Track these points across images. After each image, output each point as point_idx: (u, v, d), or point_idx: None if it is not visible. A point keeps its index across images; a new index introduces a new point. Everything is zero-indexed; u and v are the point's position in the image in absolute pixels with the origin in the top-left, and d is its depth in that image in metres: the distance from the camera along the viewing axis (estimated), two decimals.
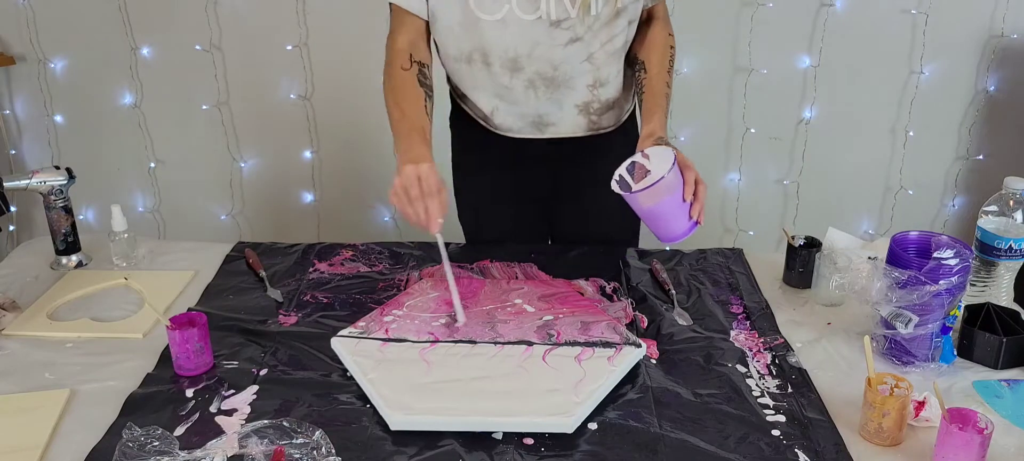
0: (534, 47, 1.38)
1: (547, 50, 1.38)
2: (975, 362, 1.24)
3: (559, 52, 1.39)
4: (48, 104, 2.60)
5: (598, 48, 1.40)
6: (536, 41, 1.37)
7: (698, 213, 1.24)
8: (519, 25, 1.36)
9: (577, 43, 1.38)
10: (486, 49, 1.39)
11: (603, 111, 1.49)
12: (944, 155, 2.66)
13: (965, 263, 1.18)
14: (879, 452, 1.05)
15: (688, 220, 1.24)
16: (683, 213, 1.23)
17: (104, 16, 2.48)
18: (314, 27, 2.50)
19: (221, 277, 1.50)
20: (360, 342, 1.22)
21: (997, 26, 2.48)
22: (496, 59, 1.40)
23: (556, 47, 1.38)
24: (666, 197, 1.21)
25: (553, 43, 1.38)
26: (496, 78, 1.43)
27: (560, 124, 1.49)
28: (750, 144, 2.64)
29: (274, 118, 2.62)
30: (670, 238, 1.25)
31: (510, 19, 1.35)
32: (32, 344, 1.28)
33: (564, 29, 1.36)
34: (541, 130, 1.50)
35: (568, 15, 1.35)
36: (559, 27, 1.36)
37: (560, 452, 1.03)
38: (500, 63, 1.41)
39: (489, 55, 1.40)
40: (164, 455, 1.00)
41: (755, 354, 1.26)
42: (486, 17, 1.35)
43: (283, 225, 2.76)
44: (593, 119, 1.50)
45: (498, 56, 1.40)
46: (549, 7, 1.34)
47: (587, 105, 1.47)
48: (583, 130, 1.51)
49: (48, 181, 1.50)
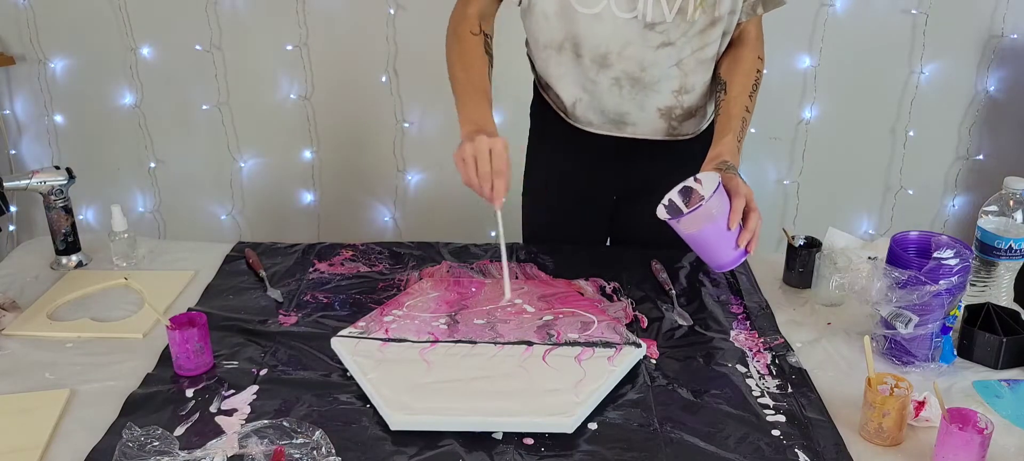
0: (626, 46, 1.38)
1: (638, 50, 1.38)
2: (975, 362, 1.24)
3: (650, 54, 1.39)
4: (48, 104, 2.60)
5: (689, 54, 1.40)
6: (628, 40, 1.37)
7: (747, 242, 1.21)
8: (614, 22, 1.36)
9: (669, 47, 1.38)
10: (578, 41, 1.40)
11: (684, 118, 1.49)
12: (944, 155, 2.66)
13: (965, 263, 1.18)
14: (879, 452, 1.05)
15: (734, 249, 1.21)
16: (728, 242, 1.21)
17: (104, 16, 2.48)
18: (314, 27, 2.50)
19: (221, 277, 1.50)
20: (360, 342, 1.22)
21: (997, 26, 2.48)
22: (587, 52, 1.41)
23: (647, 48, 1.38)
24: (708, 225, 1.19)
25: (645, 44, 1.38)
26: (584, 71, 1.43)
27: (639, 125, 1.49)
28: (750, 144, 2.61)
29: (274, 118, 2.62)
30: (717, 267, 1.24)
31: (606, 15, 1.35)
32: (32, 344, 1.28)
33: (658, 32, 1.36)
34: (620, 129, 1.50)
35: (664, 18, 1.35)
36: (653, 29, 1.36)
37: (560, 452, 1.03)
38: (590, 57, 1.41)
39: (580, 47, 1.40)
40: (164, 455, 1.00)
41: (755, 354, 1.26)
42: (583, 9, 1.36)
43: (283, 225, 2.76)
44: (673, 124, 1.50)
45: (589, 49, 1.40)
46: (646, 8, 1.34)
47: (669, 110, 1.47)
48: (662, 134, 1.51)
49: (48, 181, 1.50)
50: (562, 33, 1.41)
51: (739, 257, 1.22)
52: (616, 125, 1.50)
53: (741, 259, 1.23)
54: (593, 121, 1.51)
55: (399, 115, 2.60)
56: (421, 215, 2.74)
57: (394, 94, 2.56)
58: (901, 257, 1.21)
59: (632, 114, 1.48)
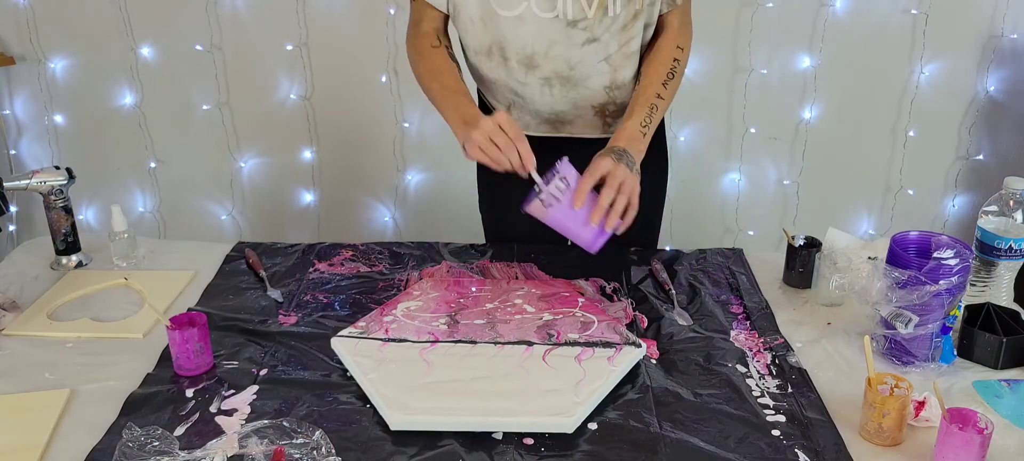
0: (551, 45, 1.38)
1: (564, 49, 1.39)
2: (975, 362, 1.24)
3: (576, 52, 1.39)
4: (48, 104, 2.60)
5: (615, 50, 1.40)
6: (553, 40, 1.38)
7: (597, 220, 1.23)
8: (536, 22, 1.36)
9: (594, 43, 1.39)
10: (503, 44, 1.40)
11: (618, 113, 1.49)
12: (944, 155, 2.66)
13: (965, 263, 1.18)
14: (879, 452, 1.05)
15: (591, 229, 1.24)
16: (581, 223, 1.24)
17: (104, 16, 2.48)
18: (314, 27, 2.50)
19: (221, 277, 1.50)
20: (360, 342, 1.22)
21: (997, 26, 2.48)
22: (513, 55, 1.41)
23: (573, 46, 1.38)
24: (553, 210, 1.23)
25: (570, 42, 1.38)
26: (512, 74, 1.44)
27: (576, 123, 1.50)
28: (750, 144, 2.64)
29: (274, 118, 2.62)
30: (587, 248, 1.26)
31: (527, 16, 1.35)
32: (32, 344, 1.28)
33: (581, 29, 1.37)
34: (557, 129, 1.51)
35: (585, 15, 1.35)
36: (576, 27, 1.36)
37: (560, 452, 1.03)
38: (517, 59, 1.41)
39: (506, 50, 1.41)
40: (164, 455, 1.00)
41: (755, 354, 1.26)
42: (504, 13, 1.36)
43: (283, 225, 2.76)
44: (608, 121, 1.50)
45: (515, 52, 1.40)
46: (566, 6, 1.34)
47: (603, 106, 1.47)
48: (599, 131, 1.51)
49: (48, 181, 1.50)
50: (488, 38, 1.41)
51: (598, 235, 1.24)
52: (553, 126, 1.51)
53: (602, 238, 1.25)
54: (529, 124, 1.51)
55: (399, 115, 2.60)
56: (421, 215, 2.74)
57: (394, 94, 2.56)
58: (901, 257, 1.21)
59: (567, 114, 1.48)
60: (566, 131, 1.51)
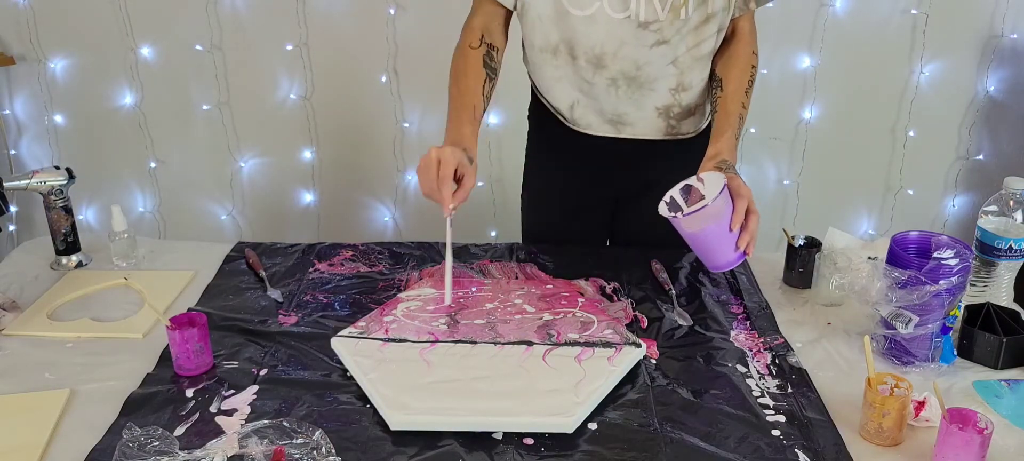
0: (620, 46, 1.38)
1: (633, 50, 1.39)
2: (975, 362, 1.24)
3: (644, 53, 1.39)
4: (48, 104, 2.60)
5: (684, 52, 1.40)
6: (623, 40, 1.38)
7: (746, 244, 1.20)
8: (607, 22, 1.36)
9: (663, 45, 1.38)
10: (573, 43, 1.40)
11: (683, 116, 1.49)
12: (944, 155, 2.66)
13: (965, 263, 1.18)
14: (879, 452, 1.05)
15: (734, 251, 1.21)
16: (729, 243, 1.20)
17: (104, 16, 2.48)
18: (314, 27, 2.50)
19: (221, 277, 1.50)
20: (360, 342, 1.22)
21: (997, 26, 2.48)
22: (582, 54, 1.41)
23: (642, 48, 1.38)
24: (710, 225, 1.18)
25: (639, 43, 1.38)
26: (580, 72, 1.44)
27: (638, 125, 1.49)
28: (750, 144, 2.63)
29: (274, 118, 2.62)
30: (714, 267, 1.23)
31: (599, 16, 1.35)
32: (32, 344, 1.28)
33: (652, 31, 1.36)
34: (618, 129, 1.50)
35: (657, 17, 1.35)
36: (647, 29, 1.36)
37: (560, 452, 1.03)
38: (585, 58, 1.41)
39: (575, 49, 1.41)
40: (164, 455, 1.00)
41: (755, 354, 1.26)
42: (576, 12, 1.36)
43: (283, 225, 2.76)
44: (672, 123, 1.50)
45: (584, 51, 1.40)
46: (639, 7, 1.34)
47: (668, 108, 1.47)
48: (661, 133, 1.51)
49: (48, 181, 1.50)
50: (557, 36, 1.41)
51: (738, 259, 1.22)
52: (614, 126, 1.50)
53: (739, 261, 1.22)
54: (592, 123, 1.51)
55: (399, 115, 2.60)
56: (421, 215, 2.74)
57: (394, 94, 2.56)
58: (901, 257, 1.21)
59: (630, 114, 1.48)
60: (628, 132, 1.50)
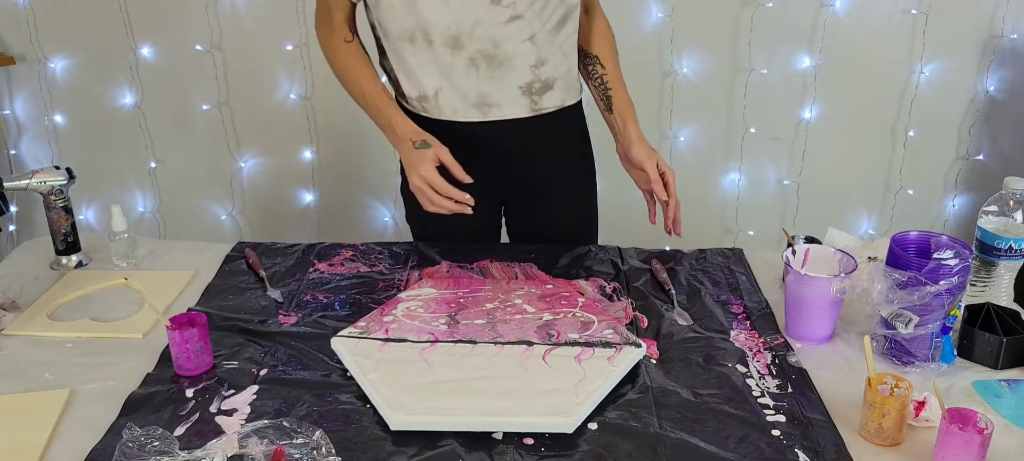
0: (475, 25, 1.39)
1: (488, 28, 1.40)
2: (975, 362, 1.24)
3: (500, 30, 1.40)
4: (48, 104, 2.60)
5: (539, 27, 1.42)
6: (477, 18, 1.39)
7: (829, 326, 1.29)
8: (459, 1, 1.37)
9: (518, 21, 1.40)
10: (427, 26, 1.40)
11: (544, 91, 1.50)
12: (944, 155, 2.66)
13: (965, 263, 1.18)
14: (879, 452, 1.05)
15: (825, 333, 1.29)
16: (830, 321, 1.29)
17: (104, 16, 2.48)
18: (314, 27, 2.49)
19: (221, 277, 1.50)
20: (360, 342, 1.22)
21: (997, 26, 2.48)
22: (437, 36, 1.41)
23: (497, 25, 1.40)
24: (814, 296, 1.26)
25: (494, 20, 1.39)
26: (438, 57, 1.44)
27: (503, 105, 1.49)
28: (750, 144, 2.64)
29: (274, 118, 2.62)
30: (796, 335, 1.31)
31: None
32: (32, 344, 1.28)
33: (504, 6, 1.38)
34: (485, 112, 1.49)
35: None
36: (499, 4, 1.37)
37: (560, 452, 1.03)
38: (442, 40, 1.41)
39: (430, 32, 1.41)
40: (164, 455, 1.00)
41: (755, 354, 1.26)
42: None
43: (283, 225, 2.76)
44: (535, 99, 1.50)
45: (439, 33, 1.41)
46: None
47: (529, 85, 1.48)
48: (526, 111, 1.51)
49: (48, 181, 1.50)
50: (411, 21, 1.41)
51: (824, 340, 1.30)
52: (480, 109, 1.49)
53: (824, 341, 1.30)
54: (458, 108, 1.50)
55: None
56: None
57: None
58: (901, 257, 1.21)
59: (493, 94, 1.48)
60: (495, 114, 1.50)
